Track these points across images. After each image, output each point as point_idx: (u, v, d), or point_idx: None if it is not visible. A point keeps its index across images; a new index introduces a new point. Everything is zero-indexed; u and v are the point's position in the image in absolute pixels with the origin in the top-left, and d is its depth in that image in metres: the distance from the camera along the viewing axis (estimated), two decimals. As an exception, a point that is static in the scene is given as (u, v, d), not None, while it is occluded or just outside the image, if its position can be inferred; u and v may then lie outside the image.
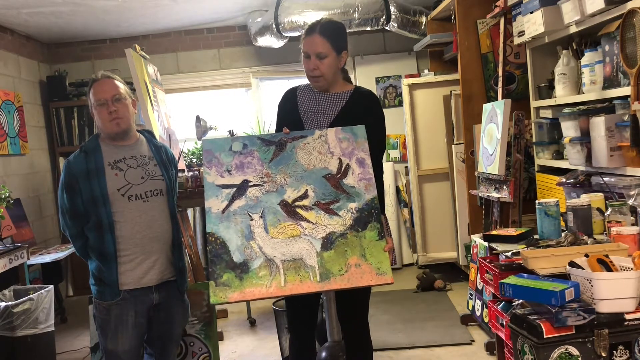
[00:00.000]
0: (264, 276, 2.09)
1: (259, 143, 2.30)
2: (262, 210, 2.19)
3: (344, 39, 2.53)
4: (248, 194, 2.22)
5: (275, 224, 2.18)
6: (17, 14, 4.89)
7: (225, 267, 2.09)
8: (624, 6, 2.63)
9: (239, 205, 2.20)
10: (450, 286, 4.90)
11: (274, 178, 2.25)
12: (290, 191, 2.24)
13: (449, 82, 5.18)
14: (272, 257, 2.13)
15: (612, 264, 2.19)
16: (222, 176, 2.24)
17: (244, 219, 2.17)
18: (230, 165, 2.26)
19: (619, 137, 2.73)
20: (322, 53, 2.45)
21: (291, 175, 2.27)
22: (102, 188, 2.48)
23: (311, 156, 2.30)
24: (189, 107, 6.14)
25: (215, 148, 2.29)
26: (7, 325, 3.30)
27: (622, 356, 2.09)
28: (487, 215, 3.96)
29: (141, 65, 4.18)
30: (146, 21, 5.58)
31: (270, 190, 2.23)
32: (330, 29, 2.49)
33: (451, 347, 3.65)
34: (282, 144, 2.31)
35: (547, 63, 3.67)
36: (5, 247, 3.97)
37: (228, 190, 2.22)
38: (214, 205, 2.18)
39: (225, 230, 2.14)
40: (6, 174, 4.95)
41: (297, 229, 2.18)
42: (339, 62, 2.51)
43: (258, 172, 2.26)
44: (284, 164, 2.28)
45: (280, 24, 5.35)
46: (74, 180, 2.50)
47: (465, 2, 4.40)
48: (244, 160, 2.27)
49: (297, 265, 2.13)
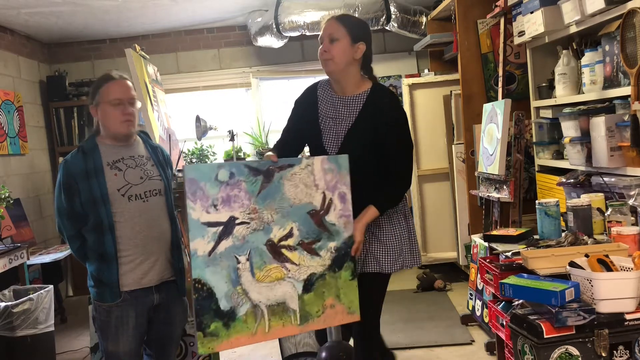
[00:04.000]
0: (250, 322, 2.15)
1: (246, 172, 2.19)
2: (249, 252, 2.17)
3: (363, 31, 2.45)
4: (235, 232, 2.15)
5: (261, 266, 2.19)
6: (17, 14, 4.89)
7: (212, 316, 2.09)
8: (624, 6, 2.63)
9: (225, 246, 2.13)
10: (450, 286, 4.90)
11: (260, 214, 2.20)
12: (276, 229, 2.22)
13: (449, 82, 5.18)
14: (257, 303, 2.17)
15: (612, 264, 2.19)
16: (207, 212, 2.12)
17: (230, 262, 2.14)
18: (217, 199, 2.13)
19: (619, 137, 2.73)
20: (333, 35, 2.39)
21: (278, 211, 2.23)
22: (102, 188, 2.45)
23: (297, 189, 2.26)
24: (189, 107, 6.14)
25: (200, 176, 2.11)
26: (7, 325, 3.29)
27: (622, 356, 2.09)
28: (487, 215, 3.96)
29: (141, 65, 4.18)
30: (146, 21, 5.58)
31: (257, 229, 2.19)
32: (350, 18, 2.47)
33: (451, 347, 3.64)
34: (270, 174, 2.23)
35: (547, 63, 3.67)
36: (5, 247, 3.97)
37: (214, 228, 2.12)
38: (199, 247, 2.09)
39: (212, 275, 2.10)
40: (6, 174, 4.95)
41: (282, 272, 2.22)
42: (354, 51, 2.41)
43: (245, 207, 2.18)
44: (271, 197, 2.22)
45: (280, 23, 5.35)
46: (72, 180, 2.47)
47: (465, 2, 4.40)
48: (231, 192, 2.15)
49: (280, 309, 2.21)
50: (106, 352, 2.55)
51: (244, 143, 5.81)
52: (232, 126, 4.85)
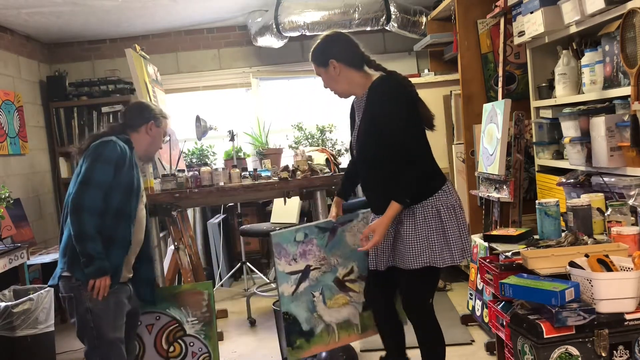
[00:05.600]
0: (324, 337, 2.94)
1: (316, 231, 2.91)
2: (321, 288, 2.93)
3: (323, 51, 2.59)
4: (310, 276, 2.90)
5: (331, 297, 2.94)
6: (17, 14, 4.89)
7: (297, 335, 2.87)
8: (624, 6, 2.63)
9: (304, 287, 2.90)
10: (450, 286, 4.90)
11: (329, 260, 2.93)
12: (341, 269, 2.96)
13: (449, 82, 5.17)
14: (329, 323, 2.94)
15: (612, 264, 2.19)
16: (289, 264, 2.87)
17: (308, 297, 2.90)
18: (296, 254, 2.88)
19: (619, 137, 2.73)
20: (317, 74, 2.65)
21: (341, 256, 2.95)
22: (139, 181, 2.70)
23: (356, 237, 2.90)
24: (189, 107, 6.14)
25: (282, 240, 2.87)
26: (7, 325, 3.29)
27: (622, 356, 2.09)
28: (487, 215, 3.96)
29: (141, 65, 4.18)
30: (146, 21, 5.58)
31: (326, 271, 2.93)
32: (314, 50, 2.63)
33: (451, 347, 3.63)
34: (334, 230, 2.92)
35: (547, 63, 3.67)
36: (5, 247, 3.97)
37: (295, 275, 2.88)
38: (285, 290, 2.86)
39: (295, 308, 2.88)
40: (6, 174, 4.95)
41: (346, 298, 2.97)
42: (334, 73, 2.57)
43: (317, 257, 2.92)
44: (336, 247, 2.94)
45: (280, 24, 5.35)
46: (122, 161, 2.63)
47: (465, 2, 4.40)
48: (306, 248, 2.90)
49: (346, 324, 2.98)
50: (107, 341, 2.57)
51: (244, 143, 5.81)
52: (232, 126, 4.85)
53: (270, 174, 4.00)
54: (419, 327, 2.70)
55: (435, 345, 2.70)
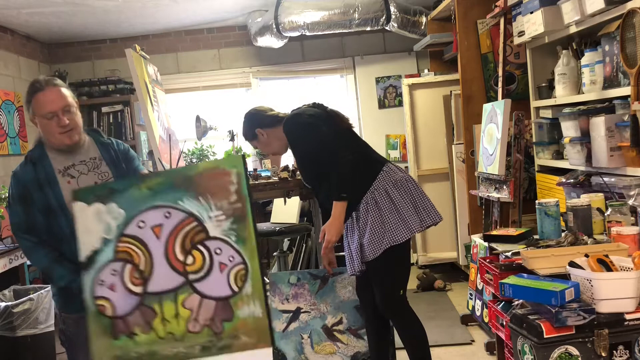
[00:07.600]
0: None
1: (308, 277, 3.13)
2: (310, 332, 3.11)
3: (250, 126, 2.92)
4: (300, 318, 3.11)
5: (319, 342, 3.11)
6: (17, 14, 4.89)
7: None
8: (624, 6, 2.63)
9: (294, 326, 3.11)
10: (450, 286, 4.90)
11: (318, 306, 3.12)
12: (330, 317, 3.12)
13: (449, 82, 5.18)
14: None
15: (612, 264, 2.19)
16: (282, 303, 3.12)
17: (297, 337, 3.11)
18: (289, 295, 3.12)
19: (619, 137, 2.73)
20: (255, 148, 3.19)
21: (331, 305, 3.12)
22: (59, 198, 2.28)
23: (346, 289, 3.11)
24: (189, 107, 6.14)
25: (277, 280, 3.15)
26: (7, 325, 3.30)
27: (622, 356, 2.09)
28: (487, 215, 3.96)
29: (141, 65, 4.18)
30: (146, 21, 5.58)
31: (316, 316, 3.11)
32: (242, 133, 2.98)
33: (451, 347, 3.65)
34: (326, 279, 3.11)
35: (547, 63, 3.67)
36: (5, 247, 3.97)
37: (286, 314, 3.12)
38: (277, 325, 3.08)
39: (284, 345, 3.10)
40: (6, 174, 4.94)
41: (334, 348, 3.11)
42: (263, 138, 2.91)
43: (308, 301, 3.12)
44: (327, 295, 3.12)
45: (280, 24, 5.35)
46: (27, 191, 2.29)
47: (465, 2, 4.39)
48: (298, 291, 3.12)
49: None
50: None
51: (244, 143, 5.80)
52: (232, 126, 4.84)
53: (270, 174, 4.00)
54: (398, 324, 2.77)
55: (417, 339, 2.73)
